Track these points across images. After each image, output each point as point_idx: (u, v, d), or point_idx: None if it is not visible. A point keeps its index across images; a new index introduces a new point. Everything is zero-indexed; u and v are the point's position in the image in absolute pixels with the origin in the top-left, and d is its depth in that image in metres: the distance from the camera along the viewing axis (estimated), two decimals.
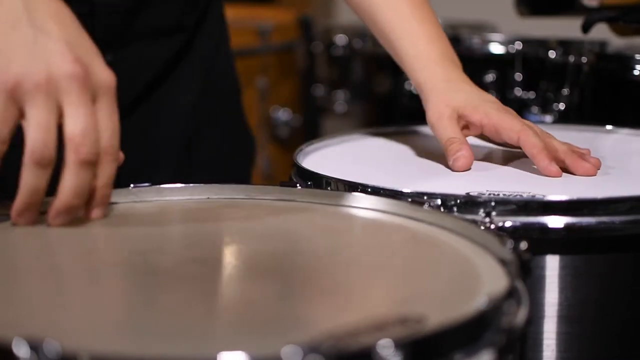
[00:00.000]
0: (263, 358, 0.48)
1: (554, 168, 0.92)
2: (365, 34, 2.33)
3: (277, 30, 2.43)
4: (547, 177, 0.93)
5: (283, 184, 0.85)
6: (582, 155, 0.95)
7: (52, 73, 0.69)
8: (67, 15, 0.74)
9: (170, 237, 0.76)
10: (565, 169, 0.94)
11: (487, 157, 1.02)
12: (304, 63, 2.50)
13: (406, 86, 1.89)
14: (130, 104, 1.10)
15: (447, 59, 1.04)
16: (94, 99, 0.71)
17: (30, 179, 0.70)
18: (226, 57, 1.23)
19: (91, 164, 0.71)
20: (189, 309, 0.60)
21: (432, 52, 1.04)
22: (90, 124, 0.70)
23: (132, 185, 0.82)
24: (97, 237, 0.73)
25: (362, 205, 0.80)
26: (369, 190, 0.82)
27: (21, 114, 0.70)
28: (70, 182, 0.71)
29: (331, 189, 0.85)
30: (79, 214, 0.74)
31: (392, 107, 2.03)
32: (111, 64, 1.05)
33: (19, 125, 0.72)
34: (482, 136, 1.03)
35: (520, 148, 0.96)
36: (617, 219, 0.77)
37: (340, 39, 2.38)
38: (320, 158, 1.02)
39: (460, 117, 0.99)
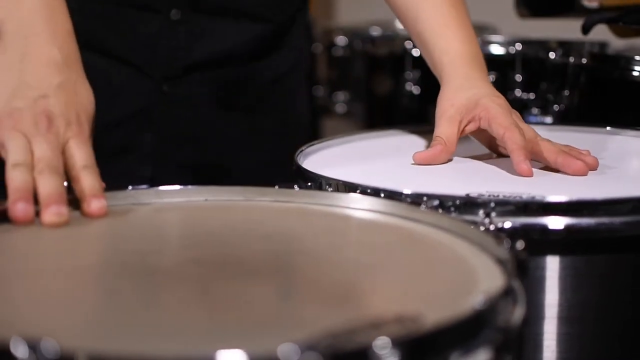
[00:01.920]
0: (261, 356, 0.48)
1: (526, 166, 0.93)
2: (366, 35, 2.33)
3: None
4: (546, 178, 0.93)
5: (281, 186, 0.85)
6: (578, 154, 0.95)
7: (27, 117, 0.82)
8: (58, 62, 0.85)
9: (169, 238, 0.76)
10: (558, 170, 0.94)
11: (487, 158, 1.02)
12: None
13: (406, 87, 1.90)
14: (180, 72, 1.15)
15: (474, 58, 1.07)
16: (57, 139, 0.82)
17: (13, 179, 0.77)
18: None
19: (53, 173, 0.78)
20: (187, 309, 0.60)
21: (462, 50, 1.07)
22: (52, 152, 0.80)
23: (130, 187, 0.83)
24: (96, 238, 0.73)
25: (359, 206, 0.80)
26: (369, 191, 0.82)
27: (3, 147, 0.81)
28: (41, 186, 0.78)
29: (331, 190, 0.85)
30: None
31: (392, 108, 2.03)
32: (176, 22, 1.12)
33: None
34: (479, 135, 1.03)
35: (505, 153, 0.98)
36: (617, 219, 0.77)
37: (341, 40, 2.39)
38: (320, 159, 1.02)
39: (463, 116, 1.01)
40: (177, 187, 0.84)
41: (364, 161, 1.03)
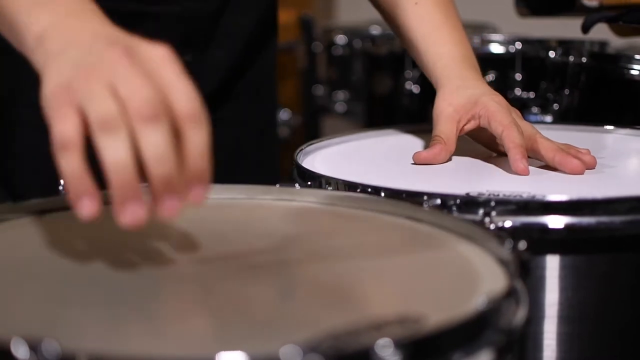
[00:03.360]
0: (262, 358, 0.48)
1: (522, 165, 0.93)
2: (365, 34, 2.33)
3: None
4: (546, 177, 0.93)
5: (283, 184, 0.85)
6: (576, 153, 0.95)
7: (96, 64, 0.64)
8: (111, 30, 0.70)
9: (169, 237, 0.76)
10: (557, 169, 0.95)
11: (487, 158, 1.02)
12: (304, 63, 2.50)
13: (406, 86, 1.90)
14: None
15: (468, 60, 1.08)
16: (148, 74, 0.63)
17: (109, 153, 0.61)
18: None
19: (157, 120, 0.61)
20: (188, 309, 0.60)
21: (455, 53, 1.07)
22: (145, 83, 0.62)
23: None
24: (96, 237, 0.73)
25: (361, 205, 0.80)
26: (369, 190, 0.82)
27: (84, 116, 0.63)
28: (146, 149, 0.61)
29: (331, 189, 0.85)
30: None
31: (392, 107, 2.03)
32: (188, 64, 1.08)
33: None
34: (477, 135, 1.03)
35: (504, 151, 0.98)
36: (617, 218, 0.77)
37: (341, 39, 2.39)
38: (320, 158, 1.02)
39: (462, 115, 1.01)
40: None
41: (364, 160, 1.03)
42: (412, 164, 0.99)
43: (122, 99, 0.62)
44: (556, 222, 0.77)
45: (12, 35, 0.75)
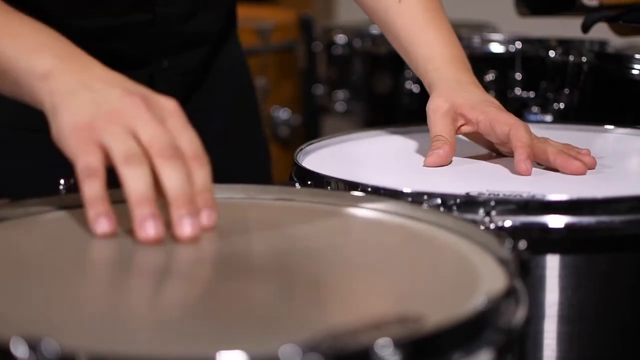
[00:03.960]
0: (262, 357, 0.48)
1: (525, 166, 0.93)
2: (365, 34, 2.33)
3: (277, 30, 2.43)
4: (547, 177, 0.93)
5: (282, 184, 0.85)
6: (576, 154, 0.95)
7: (116, 109, 0.73)
8: (117, 76, 0.78)
9: (170, 236, 0.76)
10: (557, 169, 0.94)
11: (487, 157, 1.02)
12: (304, 63, 2.50)
13: (406, 86, 1.90)
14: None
15: (460, 61, 1.07)
16: (162, 121, 0.74)
17: (132, 182, 0.70)
18: (243, 61, 1.28)
19: (176, 159, 0.71)
20: (188, 309, 0.60)
21: (446, 55, 1.06)
22: (163, 130, 0.73)
23: None
24: (97, 237, 0.73)
25: (361, 204, 0.80)
26: (369, 189, 0.82)
27: (105, 153, 0.72)
28: (168, 180, 0.71)
29: (331, 189, 0.85)
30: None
31: (392, 107, 2.03)
32: (166, 69, 1.10)
33: None
34: (474, 138, 1.03)
35: (506, 153, 0.98)
36: (617, 218, 0.77)
37: (341, 39, 2.38)
38: (320, 158, 1.02)
39: (458, 115, 1.00)
40: None
41: (364, 160, 1.03)
42: (424, 165, 0.98)
43: (143, 141, 0.72)
44: (556, 221, 0.77)
45: (9, 83, 0.81)
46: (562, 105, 1.50)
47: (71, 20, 1.02)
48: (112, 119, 0.73)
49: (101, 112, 0.73)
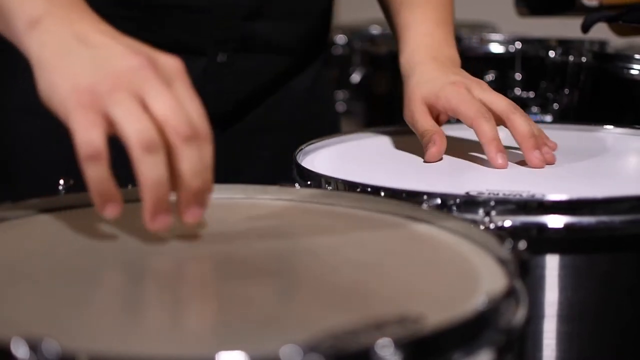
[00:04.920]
0: (262, 357, 0.48)
1: (501, 161, 0.94)
2: (365, 34, 2.33)
3: None
4: (547, 177, 0.93)
5: (282, 184, 0.85)
6: (542, 143, 0.96)
7: (121, 71, 0.67)
8: (115, 32, 0.72)
9: (169, 236, 0.76)
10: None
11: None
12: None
13: None
14: (226, 115, 1.11)
15: (430, 44, 1.08)
16: (168, 85, 0.68)
17: (149, 171, 0.65)
18: (325, 90, 1.26)
19: (194, 140, 0.66)
20: (188, 309, 0.60)
21: (420, 38, 1.08)
22: (174, 100, 0.67)
23: (130, 185, 0.82)
24: (96, 237, 0.73)
25: (361, 204, 0.80)
26: (369, 189, 0.82)
27: (109, 122, 0.66)
28: (185, 164, 0.66)
29: (331, 189, 0.85)
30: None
31: (392, 107, 2.02)
32: (222, 65, 1.06)
33: None
34: None
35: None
36: (617, 218, 0.77)
37: (340, 39, 2.38)
38: (320, 158, 1.02)
39: (429, 108, 1.02)
40: None
41: (364, 160, 1.03)
42: (424, 161, 0.99)
43: (157, 117, 0.65)
44: (556, 221, 0.77)
45: (1, 21, 0.75)
46: (562, 106, 1.50)
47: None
48: (117, 84, 0.66)
49: (103, 73, 0.66)
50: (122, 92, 0.65)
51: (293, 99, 1.17)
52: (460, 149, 1.02)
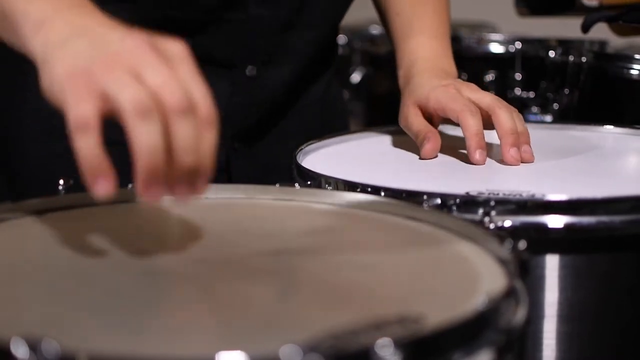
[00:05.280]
0: (262, 358, 0.48)
1: (478, 157, 0.96)
2: (365, 34, 2.33)
3: None
4: (547, 176, 0.93)
5: (282, 184, 0.85)
6: (522, 142, 0.97)
7: (117, 52, 0.65)
8: (120, 25, 0.70)
9: (169, 237, 0.76)
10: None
11: (487, 155, 1.02)
12: None
13: None
14: (250, 128, 1.11)
15: (422, 51, 1.10)
16: (169, 65, 0.65)
17: (142, 137, 0.62)
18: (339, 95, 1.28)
19: (190, 113, 0.63)
20: (188, 309, 0.60)
21: (414, 50, 1.09)
22: (173, 76, 0.64)
23: (130, 185, 0.82)
24: (97, 237, 0.73)
25: (361, 204, 0.80)
26: (369, 189, 0.82)
27: (104, 99, 0.63)
28: (178, 136, 0.63)
29: (331, 189, 0.85)
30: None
31: (392, 107, 2.02)
32: (251, 78, 1.06)
33: None
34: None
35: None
36: (617, 218, 0.77)
37: (340, 39, 2.38)
38: (320, 158, 1.02)
39: (422, 110, 1.04)
40: None
41: (364, 160, 1.03)
42: (420, 158, 0.99)
43: (152, 88, 0.63)
44: (556, 221, 0.77)
45: (5, 26, 0.74)
46: (562, 106, 1.50)
47: (162, 12, 1.00)
48: (112, 63, 0.64)
49: (100, 55, 0.65)
50: (117, 70, 0.64)
51: (309, 107, 1.17)
52: (460, 149, 1.02)
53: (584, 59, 1.40)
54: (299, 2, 1.06)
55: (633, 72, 1.31)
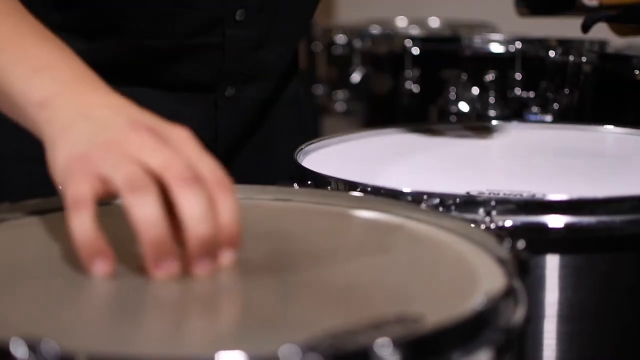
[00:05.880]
0: (261, 357, 0.48)
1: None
2: (365, 34, 2.33)
3: None
4: (547, 176, 0.93)
5: (282, 184, 0.85)
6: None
7: (115, 138, 0.65)
8: (124, 103, 0.70)
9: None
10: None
11: (487, 156, 1.02)
12: (304, 62, 2.50)
13: (406, 86, 1.90)
14: (232, 145, 1.11)
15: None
16: (173, 148, 0.64)
17: (139, 211, 0.61)
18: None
19: (197, 183, 0.62)
20: (187, 309, 0.60)
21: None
22: (175, 155, 0.63)
23: None
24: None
25: (360, 204, 0.80)
26: (369, 189, 0.82)
27: (102, 182, 0.63)
28: (185, 206, 0.61)
29: (331, 189, 0.85)
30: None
31: (392, 107, 2.03)
32: (231, 98, 1.05)
33: None
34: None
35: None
36: (617, 218, 0.77)
37: (340, 39, 2.38)
38: (320, 157, 1.02)
39: None
40: None
41: (364, 160, 1.03)
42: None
43: (151, 167, 0.62)
44: (556, 221, 0.77)
45: (7, 105, 0.75)
46: (562, 106, 1.50)
47: (141, 40, 0.99)
48: (111, 148, 0.64)
49: (99, 140, 0.65)
50: (114, 154, 0.64)
51: (282, 117, 1.18)
52: (460, 148, 1.02)
53: (584, 59, 1.40)
54: (269, 18, 1.05)
55: (633, 72, 1.31)
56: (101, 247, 0.63)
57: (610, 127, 1.15)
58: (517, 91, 1.68)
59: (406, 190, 0.80)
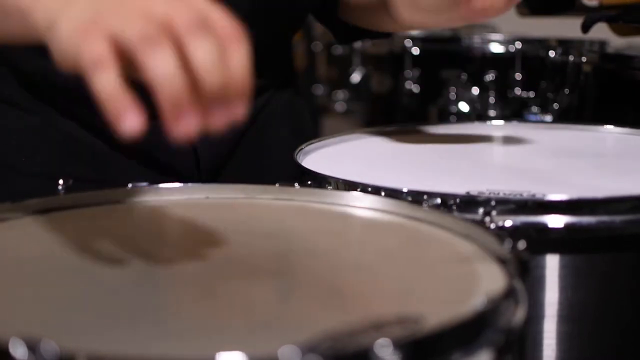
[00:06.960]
0: (261, 358, 0.48)
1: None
2: None
3: None
4: (547, 176, 0.93)
5: (282, 184, 0.85)
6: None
7: (122, 1, 0.63)
8: None
9: (169, 237, 0.76)
10: None
11: (487, 155, 1.02)
12: (304, 62, 2.50)
13: (406, 86, 1.90)
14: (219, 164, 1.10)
15: None
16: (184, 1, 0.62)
17: (154, 65, 0.59)
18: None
19: (207, 32, 0.60)
20: (187, 309, 0.60)
21: None
22: (183, 3, 0.61)
23: (130, 184, 0.82)
24: (97, 237, 0.73)
25: (360, 204, 0.80)
26: (369, 189, 0.82)
27: (117, 43, 0.61)
28: (197, 54, 0.59)
29: (331, 188, 0.85)
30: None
31: (392, 107, 2.03)
32: None
33: None
34: None
35: None
36: (617, 218, 0.77)
37: None
38: (320, 157, 1.02)
39: None
40: (177, 184, 0.84)
41: (364, 159, 1.03)
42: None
43: (160, 18, 0.60)
44: (556, 221, 0.77)
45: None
46: (561, 105, 1.50)
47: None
48: (119, 8, 0.61)
49: (105, 4, 0.63)
50: (123, 12, 0.61)
51: (274, 126, 1.16)
52: (460, 148, 1.02)
53: (584, 59, 1.40)
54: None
55: (633, 72, 1.31)
56: (128, 102, 0.59)
57: (610, 127, 1.15)
58: (517, 91, 1.68)
59: (406, 190, 0.80)
